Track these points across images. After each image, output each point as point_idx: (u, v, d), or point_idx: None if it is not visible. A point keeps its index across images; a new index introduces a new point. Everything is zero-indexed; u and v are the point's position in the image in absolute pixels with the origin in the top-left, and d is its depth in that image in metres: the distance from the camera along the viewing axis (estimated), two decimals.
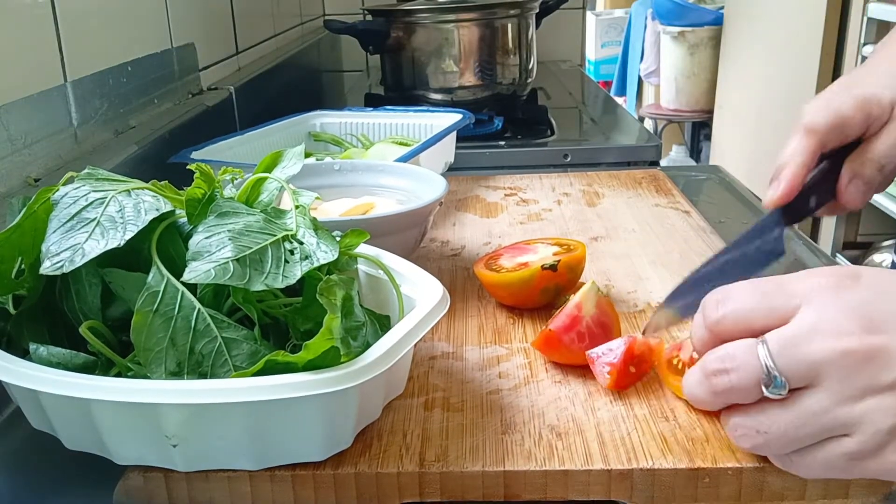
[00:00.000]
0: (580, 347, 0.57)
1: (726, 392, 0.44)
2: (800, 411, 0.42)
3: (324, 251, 0.50)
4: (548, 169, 1.19)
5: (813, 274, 0.44)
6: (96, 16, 0.88)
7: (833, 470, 0.43)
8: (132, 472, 0.48)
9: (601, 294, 0.60)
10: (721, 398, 0.45)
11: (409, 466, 0.48)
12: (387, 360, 0.45)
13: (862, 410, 0.41)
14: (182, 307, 0.46)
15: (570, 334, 0.57)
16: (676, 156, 3.79)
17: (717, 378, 0.44)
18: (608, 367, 0.54)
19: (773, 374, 0.42)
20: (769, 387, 0.42)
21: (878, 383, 0.40)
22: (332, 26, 1.43)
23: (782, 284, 0.44)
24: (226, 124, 1.18)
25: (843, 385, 0.41)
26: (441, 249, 0.84)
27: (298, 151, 0.61)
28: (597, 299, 0.59)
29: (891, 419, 0.40)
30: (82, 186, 0.49)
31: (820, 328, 0.41)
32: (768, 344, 0.42)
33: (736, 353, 0.43)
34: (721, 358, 0.44)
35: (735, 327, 0.45)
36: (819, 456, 0.43)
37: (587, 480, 0.47)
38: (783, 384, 0.42)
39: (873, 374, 0.41)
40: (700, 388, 0.45)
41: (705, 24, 3.32)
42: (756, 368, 0.42)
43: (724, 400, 0.45)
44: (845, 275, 0.43)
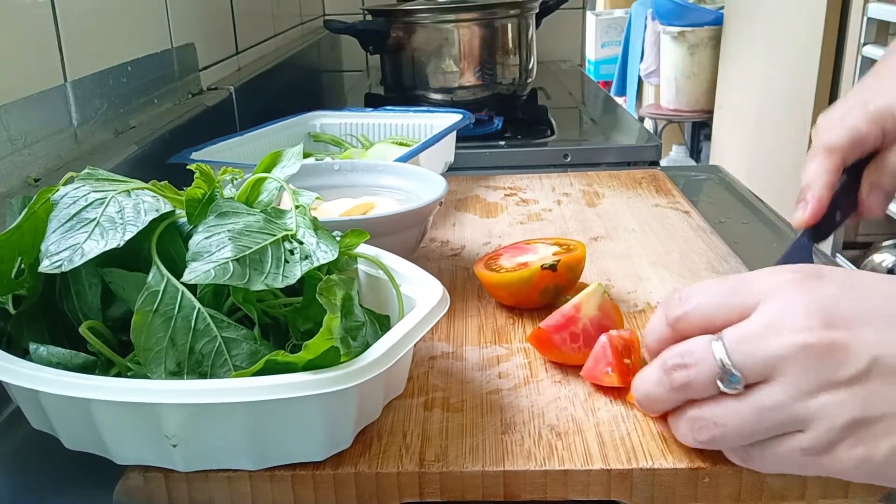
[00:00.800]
0: (572, 348, 0.57)
1: (684, 387, 0.44)
2: (756, 405, 0.42)
3: (324, 251, 0.50)
4: (548, 169, 1.19)
5: (776, 271, 0.44)
6: (96, 16, 0.88)
7: (788, 465, 0.43)
8: (132, 472, 0.48)
9: (607, 297, 0.60)
10: (678, 394, 0.45)
11: (409, 466, 0.48)
12: (387, 360, 0.45)
13: (817, 405, 0.41)
14: (182, 307, 0.46)
15: (563, 334, 0.57)
16: (676, 156, 3.79)
17: (676, 373, 0.44)
18: (608, 368, 0.54)
19: (728, 370, 0.42)
20: (724, 382, 0.42)
21: (835, 378, 0.40)
22: (332, 26, 1.43)
23: (743, 282, 0.45)
24: (226, 124, 1.18)
25: (798, 380, 0.41)
26: (441, 249, 0.84)
27: (297, 151, 0.61)
28: (601, 302, 0.59)
29: (845, 415, 0.40)
30: (82, 186, 0.49)
31: (778, 323, 0.42)
32: (724, 340, 0.43)
33: (694, 348, 0.44)
34: (680, 353, 0.44)
35: (696, 324, 0.45)
36: (775, 451, 0.43)
37: (587, 480, 0.47)
38: (739, 379, 0.42)
39: (830, 370, 0.40)
40: (658, 385, 0.45)
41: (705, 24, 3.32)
42: (712, 363, 0.43)
43: (681, 396, 0.45)
44: (809, 273, 0.43)
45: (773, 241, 0.89)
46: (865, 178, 0.63)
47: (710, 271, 0.75)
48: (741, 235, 0.89)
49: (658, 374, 0.46)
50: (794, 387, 0.41)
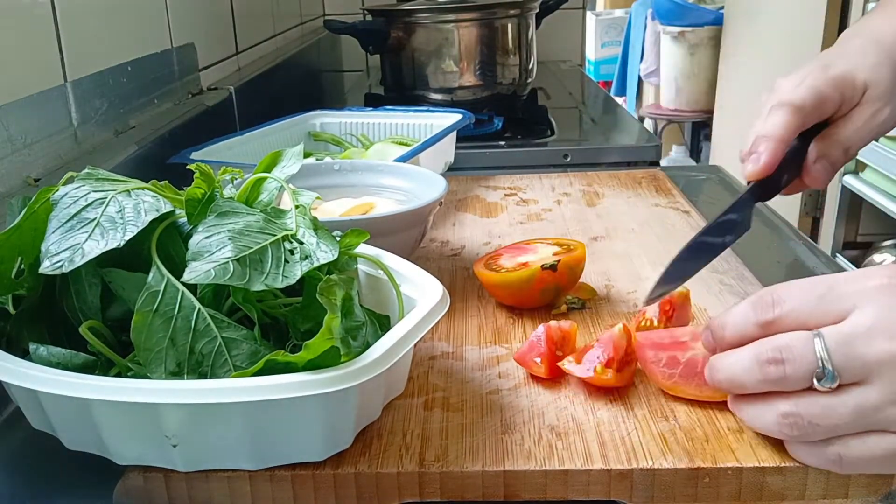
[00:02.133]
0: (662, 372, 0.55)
1: (778, 381, 0.45)
2: (853, 406, 0.43)
3: (324, 251, 0.50)
4: (548, 169, 1.19)
5: (868, 275, 0.45)
6: (96, 16, 0.88)
7: (878, 466, 0.44)
8: (132, 471, 0.48)
9: None
10: (769, 386, 0.45)
11: (409, 466, 0.48)
12: (387, 359, 0.45)
13: None
14: (182, 307, 0.46)
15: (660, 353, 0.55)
16: (676, 156, 3.79)
17: (772, 367, 0.45)
18: (538, 358, 0.56)
19: (827, 368, 0.43)
20: (821, 380, 0.43)
21: None
22: (332, 26, 1.43)
23: (835, 286, 0.45)
24: (226, 124, 1.18)
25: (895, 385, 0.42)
26: (441, 249, 0.84)
27: (297, 151, 0.61)
28: None
29: None
30: (82, 186, 0.49)
31: (877, 329, 0.42)
32: (825, 339, 0.43)
33: (792, 344, 0.44)
34: (779, 348, 0.45)
35: (789, 328, 0.45)
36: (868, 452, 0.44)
37: (587, 480, 0.47)
38: (835, 378, 0.43)
39: None
40: (748, 374, 0.46)
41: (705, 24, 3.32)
42: (811, 362, 0.43)
43: (771, 387, 0.45)
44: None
45: (772, 240, 0.89)
46: (814, 147, 0.63)
47: (709, 270, 0.75)
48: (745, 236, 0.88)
49: (750, 363, 0.46)
50: (890, 391, 0.42)
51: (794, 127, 0.60)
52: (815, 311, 0.45)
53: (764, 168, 0.60)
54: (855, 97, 0.62)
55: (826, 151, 0.62)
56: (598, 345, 0.55)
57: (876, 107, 0.62)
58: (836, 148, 0.62)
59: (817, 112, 0.61)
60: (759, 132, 0.61)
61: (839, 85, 0.61)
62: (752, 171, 0.60)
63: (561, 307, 0.68)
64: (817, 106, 0.61)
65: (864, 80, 0.61)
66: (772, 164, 0.60)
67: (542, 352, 0.56)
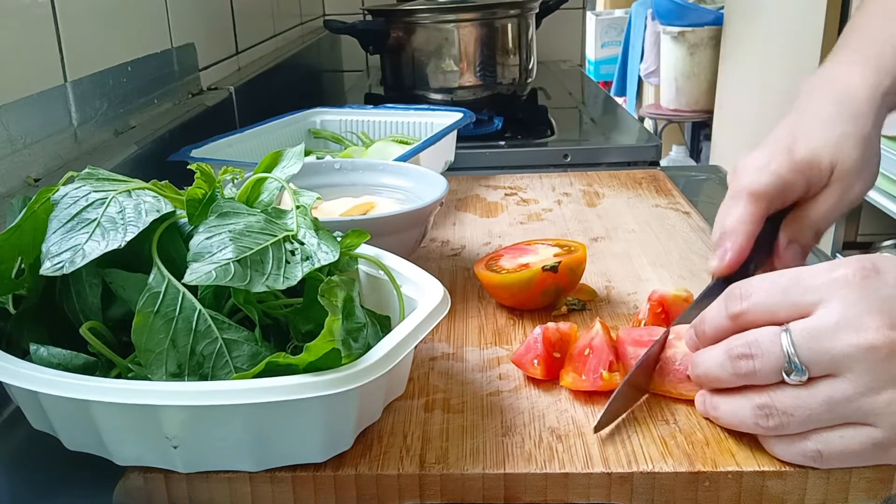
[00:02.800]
0: None
1: (748, 375, 0.46)
2: (825, 397, 0.44)
3: (325, 252, 0.50)
4: (548, 169, 1.19)
5: (834, 267, 0.45)
6: (96, 16, 0.88)
7: (857, 458, 0.45)
8: (132, 472, 0.48)
9: None
10: (741, 380, 0.47)
11: (410, 468, 0.48)
12: (387, 361, 0.45)
13: (885, 401, 0.43)
14: (183, 308, 0.46)
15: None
16: (676, 156, 3.79)
17: (742, 361, 0.46)
18: (535, 359, 0.56)
19: (795, 363, 0.44)
20: (790, 374, 0.44)
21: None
22: (332, 26, 1.43)
23: (801, 279, 0.46)
24: (226, 124, 1.18)
25: (865, 378, 0.43)
26: (441, 249, 0.84)
27: (298, 151, 0.61)
28: None
29: None
30: (82, 186, 0.49)
31: (843, 323, 0.43)
32: (792, 334, 0.44)
33: (761, 339, 0.46)
34: (748, 343, 0.46)
35: (758, 320, 0.47)
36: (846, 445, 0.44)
37: (587, 483, 0.47)
38: (803, 372, 0.44)
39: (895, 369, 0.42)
40: (721, 368, 0.47)
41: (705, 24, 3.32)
42: (779, 356, 0.45)
43: (743, 381, 0.47)
44: (867, 267, 0.44)
45: None
46: (783, 231, 0.61)
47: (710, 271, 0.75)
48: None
49: (722, 358, 0.47)
50: (860, 384, 0.43)
51: (758, 217, 0.58)
52: (782, 304, 0.46)
53: (729, 265, 0.58)
54: (822, 179, 0.60)
55: (797, 236, 0.61)
56: (593, 352, 0.55)
57: (844, 185, 0.60)
58: (807, 231, 0.61)
59: (781, 198, 0.59)
60: (725, 227, 0.59)
61: (804, 169, 0.59)
62: (719, 267, 0.59)
63: (561, 308, 0.67)
64: (781, 192, 0.59)
65: (830, 160, 0.59)
66: (738, 261, 0.58)
67: (539, 353, 0.56)
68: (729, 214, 0.59)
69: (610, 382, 0.53)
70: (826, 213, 0.60)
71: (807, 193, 0.60)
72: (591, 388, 0.54)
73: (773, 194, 0.59)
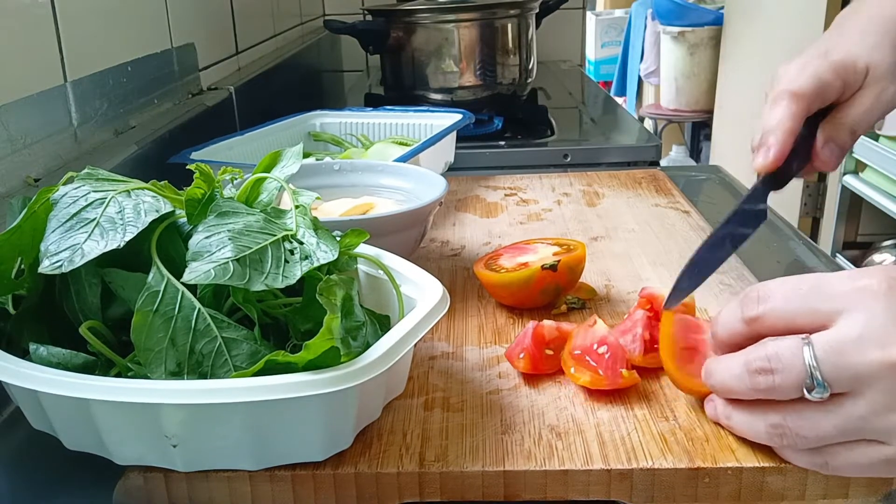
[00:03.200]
0: None
1: (768, 390, 0.44)
2: (840, 418, 0.42)
3: (324, 251, 0.50)
4: (548, 169, 1.19)
5: (858, 276, 0.43)
6: (96, 16, 0.88)
7: (866, 470, 0.44)
8: (132, 471, 0.48)
9: None
10: (760, 395, 0.45)
11: (409, 466, 0.48)
12: (387, 360, 0.45)
13: None
14: (182, 307, 0.46)
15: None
16: (676, 156, 3.79)
17: (761, 377, 0.44)
18: (522, 353, 0.57)
19: (817, 378, 0.42)
20: (811, 391, 0.42)
21: None
22: (332, 26, 1.43)
23: (822, 285, 0.44)
24: (226, 124, 1.18)
25: (885, 396, 0.41)
26: (441, 249, 0.84)
27: (297, 151, 0.61)
28: None
29: None
30: (82, 186, 0.49)
31: (868, 337, 0.41)
32: (814, 348, 0.42)
33: (781, 353, 0.43)
34: (768, 357, 0.44)
35: (775, 326, 0.45)
36: (856, 459, 0.43)
37: (587, 480, 0.47)
38: (826, 388, 0.42)
39: None
40: (739, 381, 0.45)
41: (705, 24, 3.32)
42: (801, 371, 0.42)
43: (762, 396, 0.45)
44: (894, 278, 0.42)
45: (773, 240, 0.89)
46: (821, 132, 0.63)
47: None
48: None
49: (740, 370, 0.45)
50: (879, 402, 0.41)
51: (799, 116, 0.61)
52: (801, 310, 0.44)
53: (774, 161, 0.60)
54: (858, 81, 0.62)
55: (834, 135, 0.63)
56: (610, 350, 0.55)
57: (880, 87, 0.62)
58: (844, 131, 0.63)
59: (820, 99, 0.62)
60: (766, 125, 0.61)
61: (840, 71, 0.61)
62: (763, 164, 0.61)
63: (561, 307, 0.68)
64: (820, 93, 0.61)
65: (866, 62, 0.62)
66: (781, 156, 0.60)
67: (526, 347, 0.57)
68: (770, 115, 0.61)
69: (630, 380, 0.53)
70: (862, 114, 0.62)
71: (842, 95, 0.62)
72: (611, 386, 0.53)
73: (813, 94, 0.61)
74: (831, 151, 0.63)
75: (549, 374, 0.57)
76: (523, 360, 0.56)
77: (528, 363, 0.56)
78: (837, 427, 0.42)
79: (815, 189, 2.49)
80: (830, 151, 0.63)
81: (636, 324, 0.58)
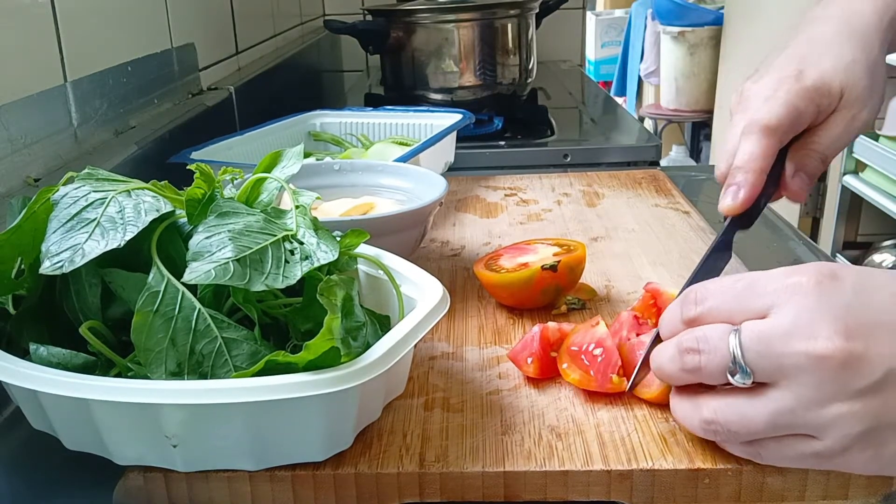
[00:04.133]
0: None
1: (694, 371, 0.45)
2: (768, 411, 0.42)
3: (324, 251, 0.50)
4: (548, 169, 1.19)
5: (790, 273, 0.44)
6: (96, 16, 0.88)
7: (798, 463, 0.44)
8: (132, 472, 0.48)
9: None
10: (688, 376, 0.46)
11: (409, 467, 0.48)
12: (387, 360, 0.45)
13: (831, 415, 0.41)
14: (182, 307, 0.46)
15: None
16: (676, 156, 3.79)
17: (689, 356, 0.45)
18: (530, 357, 0.56)
19: (740, 363, 0.43)
20: (734, 375, 0.43)
21: (849, 389, 0.40)
22: (332, 26, 1.43)
23: (755, 283, 0.44)
24: (226, 124, 1.18)
25: (811, 389, 0.41)
26: (441, 249, 0.84)
27: (298, 151, 0.61)
28: None
29: (859, 426, 0.41)
30: (82, 186, 0.49)
31: (795, 330, 0.41)
32: (741, 334, 0.43)
33: (710, 336, 0.44)
34: (697, 338, 0.45)
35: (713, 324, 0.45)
36: (787, 452, 0.43)
37: (587, 481, 0.47)
38: (748, 374, 0.42)
39: (845, 381, 0.40)
40: (671, 362, 0.46)
41: (705, 24, 3.32)
42: (724, 355, 0.43)
43: (691, 378, 0.46)
44: (824, 274, 0.43)
45: (772, 241, 0.89)
46: (790, 160, 0.59)
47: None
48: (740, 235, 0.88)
49: (672, 351, 0.46)
50: (806, 396, 0.41)
51: (771, 152, 0.57)
52: (736, 308, 0.44)
53: (744, 203, 0.57)
54: (831, 105, 0.58)
55: (804, 163, 0.59)
56: (605, 353, 0.55)
57: (854, 111, 0.59)
58: (814, 159, 0.59)
59: (793, 129, 0.58)
60: (736, 161, 0.57)
61: (815, 96, 0.58)
62: (732, 206, 0.57)
63: (561, 308, 0.68)
64: (794, 123, 0.58)
65: (840, 85, 0.58)
66: (751, 198, 0.57)
67: (534, 352, 0.56)
68: (740, 150, 0.57)
69: (618, 386, 0.53)
70: (834, 140, 0.59)
71: (815, 120, 0.59)
72: (599, 389, 0.54)
73: (787, 126, 0.57)
74: (801, 181, 0.59)
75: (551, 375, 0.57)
76: (532, 365, 0.56)
77: (537, 368, 0.56)
78: (767, 422, 0.43)
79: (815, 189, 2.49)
80: (801, 181, 0.59)
81: (622, 326, 0.58)
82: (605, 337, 0.56)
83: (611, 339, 0.56)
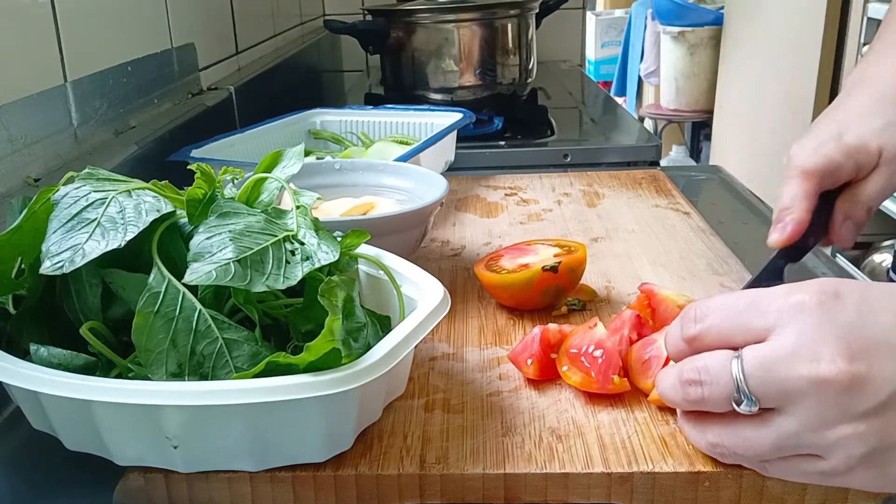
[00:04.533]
0: None
1: (698, 402, 0.45)
2: (774, 435, 0.42)
3: (325, 252, 0.50)
4: (548, 169, 1.19)
5: (792, 291, 0.43)
6: (96, 16, 0.88)
7: (803, 479, 0.45)
8: (132, 472, 0.48)
9: None
10: (692, 406, 0.46)
11: (410, 468, 0.48)
12: (388, 361, 0.45)
13: (835, 437, 0.41)
14: (183, 308, 0.46)
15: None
16: (676, 156, 3.79)
17: (692, 388, 0.44)
18: (530, 359, 0.56)
19: (745, 392, 0.42)
20: (739, 404, 0.43)
21: (854, 411, 0.40)
22: (332, 26, 1.43)
23: (756, 302, 0.44)
24: (226, 124, 1.18)
25: (816, 413, 0.41)
26: (441, 249, 0.84)
27: (298, 151, 0.61)
28: None
29: (863, 447, 0.41)
30: (83, 186, 0.49)
31: (797, 353, 0.41)
32: (743, 361, 0.42)
33: (711, 366, 0.44)
34: (697, 369, 0.44)
35: (712, 344, 0.45)
36: (793, 469, 0.44)
37: (587, 483, 0.47)
38: (754, 402, 0.42)
39: (849, 403, 0.40)
40: (674, 392, 0.46)
41: (705, 24, 3.32)
42: (728, 384, 0.43)
43: (694, 407, 0.46)
44: (827, 292, 0.42)
45: None
46: (839, 208, 0.65)
47: (709, 272, 0.75)
48: (741, 236, 0.89)
49: (674, 381, 0.46)
50: (811, 419, 0.41)
51: (812, 193, 0.62)
52: (736, 327, 0.44)
53: (791, 236, 0.61)
54: (871, 162, 0.63)
55: (851, 212, 0.64)
56: (605, 355, 0.54)
57: (893, 167, 0.63)
58: (860, 208, 0.64)
59: (832, 177, 0.63)
60: (781, 203, 0.63)
61: (853, 154, 0.63)
62: (779, 239, 0.62)
63: (561, 308, 0.68)
64: (830, 172, 0.63)
65: (878, 145, 0.63)
66: (797, 233, 0.61)
67: (534, 353, 0.56)
68: (784, 192, 0.63)
69: (620, 387, 0.53)
70: (877, 192, 0.64)
71: (857, 175, 0.64)
72: (601, 390, 0.53)
73: (823, 171, 0.62)
74: (848, 229, 0.65)
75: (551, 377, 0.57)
76: (532, 367, 0.56)
77: (537, 369, 0.56)
78: (773, 446, 0.43)
79: None
80: (847, 229, 0.65)
81: (624, 324, 0.58)
82: (605, 338, 0.56)
83: (610, 340, 0.56)
